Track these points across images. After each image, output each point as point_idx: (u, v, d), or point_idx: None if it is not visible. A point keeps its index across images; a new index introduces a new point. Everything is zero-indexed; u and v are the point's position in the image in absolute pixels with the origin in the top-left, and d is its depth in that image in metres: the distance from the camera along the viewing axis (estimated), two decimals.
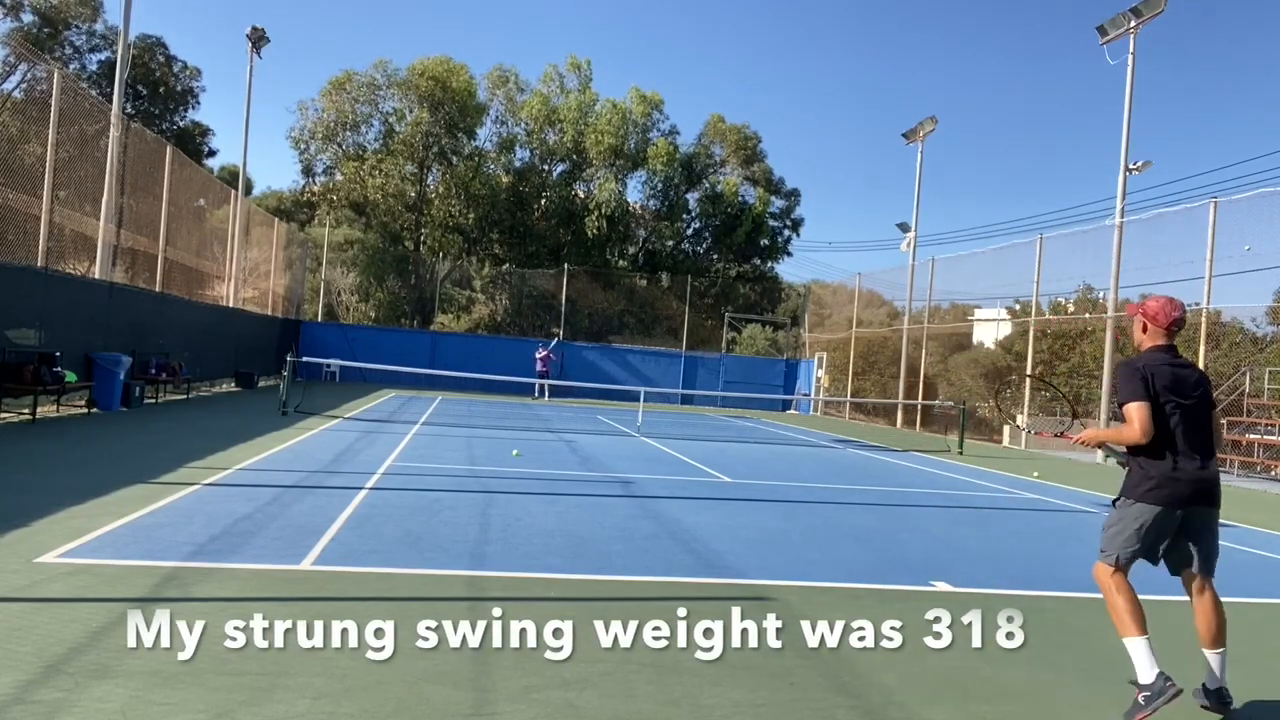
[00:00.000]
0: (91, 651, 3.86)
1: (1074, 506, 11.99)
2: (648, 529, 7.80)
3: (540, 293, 39.76)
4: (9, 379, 12.52)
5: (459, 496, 8.76)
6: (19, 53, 28.20)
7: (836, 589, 6.14)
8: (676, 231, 44.38)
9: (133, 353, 16.32)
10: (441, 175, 41.07)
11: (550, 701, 3.68)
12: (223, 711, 3.35)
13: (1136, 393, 4.05)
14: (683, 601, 5.45)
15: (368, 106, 40.61)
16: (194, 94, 39.76)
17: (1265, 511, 13.28)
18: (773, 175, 44.98)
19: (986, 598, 6.14)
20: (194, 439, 12.00)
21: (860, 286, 35.81)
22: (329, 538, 6.42)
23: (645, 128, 42.42)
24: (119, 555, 5.53)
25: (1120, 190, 22.64)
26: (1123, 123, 22.69)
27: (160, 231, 19.57)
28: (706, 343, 38.81)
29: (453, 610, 4.91)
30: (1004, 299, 29.02)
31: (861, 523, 9.23)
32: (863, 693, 4.09)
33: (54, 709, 3.26)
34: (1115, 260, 22.02)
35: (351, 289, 40.12)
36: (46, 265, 14.19)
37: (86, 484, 7.80)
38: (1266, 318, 27.03)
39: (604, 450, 14.64)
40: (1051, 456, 22.08)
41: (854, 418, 33.45)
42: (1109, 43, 23.11)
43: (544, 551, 6.56)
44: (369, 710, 3.46)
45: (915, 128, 32.26)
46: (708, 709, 3.74)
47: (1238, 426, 22.22)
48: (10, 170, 14.44)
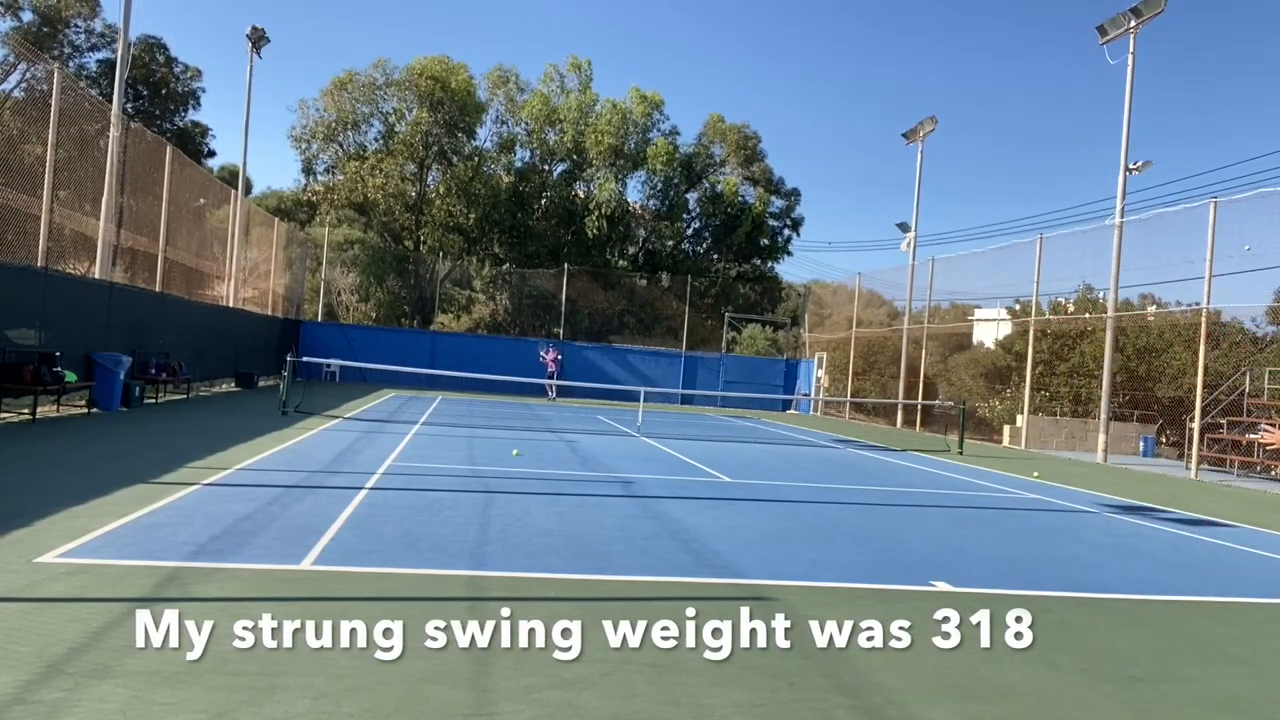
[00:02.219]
0: (92, 651, 3.86)
1: (1074, 506, 11.99)
2: (648, 529, 7.80)
3: (540, 293, 39.77)
4: (9, 379, 12.52)
5: (459, 496, 8.75)
6: (19, 52, 28.20)
7: (837, 589, 6.14)
8: (676, 231, 44.38)
9: (133, 353, 16.32)
10: (442, 175, 41.07)
11: (550, 701, 3.68)
12: (223, 711, 3.35)
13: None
14: (683, 601, 5.45)
15: (368, 106, 40.61)
16: (194, 94, 39.72)
17: (1265, 511, 13.28)
18: (773, 175, 44.99)
19: (987, 598, 6.14)
20: (194, 439, 12.00)
21: (860, 286, 35.82)
22: (329, 538, 6.42)
23: (645, 128, 42.41)
24: (119, 555, 5.53)
25: (1120, 190, 22.65)
26: (1123, 123, 22.72)
27: (160, 231, 19.57)
28: (706, 343, 38.81)
29: (453, 610, 4.91)
30: (1004, 299, 29.05)
31: (862, 523, 9.24)
32: (863, 693, 4.09)
33: (54, 709, 3.26)
34: (1115, 260, 22.02)
35: (351, 289, 40.11)
36: (46, 265, 14.19)
37: (86, 484, 7.80)
38: (1266, 318, 27.05)
39: (604, 450, 14.64)
40: (1051, 456, 22.09)
41: (854, 418, 33.45)
42: (1109, 43, 23.12)
43: (544, 551, 6.56)
44: (369, 710, 3.46)
45: (915, 128, 32.27)
46: (708, 709, 3.74)
47: (1238, 426, 22.22)
48: (10, 170, 14.44)
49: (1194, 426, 19.27)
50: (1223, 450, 22.06)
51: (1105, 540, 9.35)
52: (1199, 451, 19.42)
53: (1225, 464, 21.71)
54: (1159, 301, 29.60)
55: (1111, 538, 9.58)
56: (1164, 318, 27.25)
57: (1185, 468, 20.32)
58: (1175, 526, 10.82)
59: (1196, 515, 12.08)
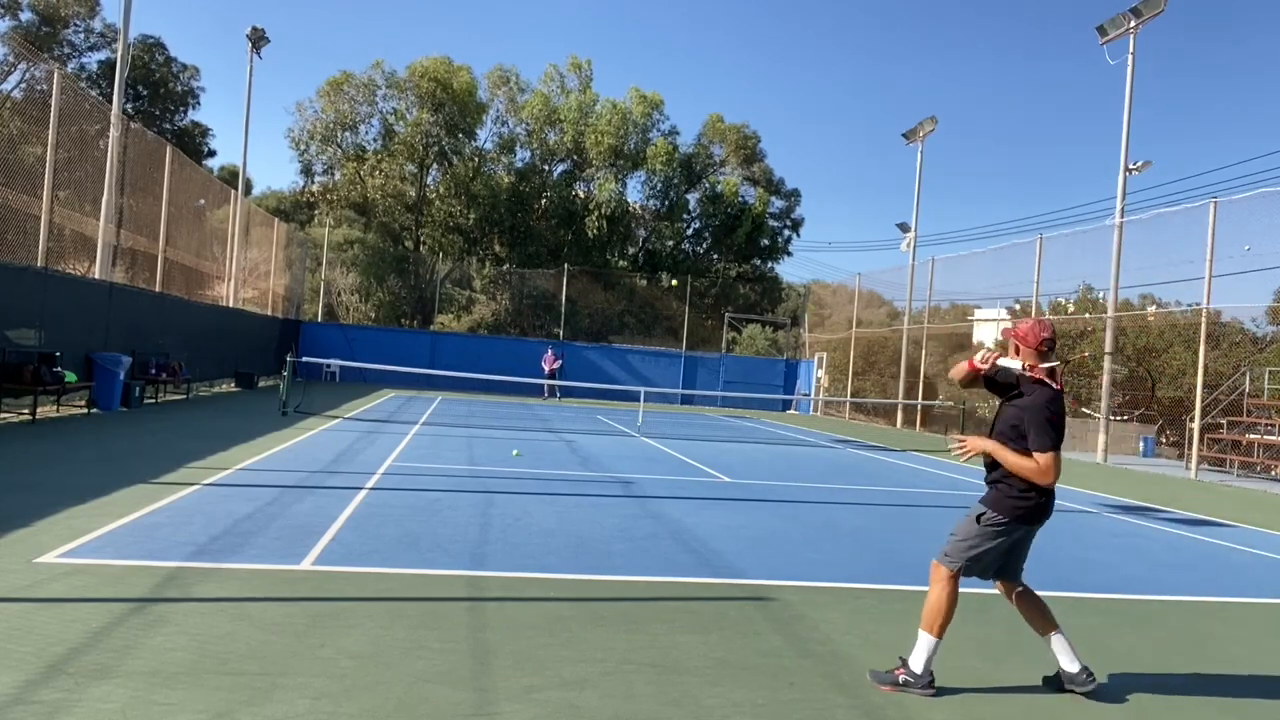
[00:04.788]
0: (92, 651, 3.86)
1: (1073, 506, 11.98)
2: (648, 529, 7.80)
3: (540, 293, 39.78)
4: (9, 379, 12.52)
5: (459, 496, 8.75)
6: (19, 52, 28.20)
7: (837, 589, 6.14)
8: (676, 231, 44.40)
9: (133, 353, 16.31)
10: (442, 175, 41.07)
11: (550, 701, 3.68)
12: (223, 711, 3.35)
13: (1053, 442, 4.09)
14: (683, 601, 5.45)
15: (367, 107, 40.62)
16: (194, 94, 39.73)
17: (1265, 511, 13.28)
18: (773, 175, 45.03)
19: (987, 598, 6.14)
20: (194, 439, 12.00)
21: (860, 286, 35.81)
22: (329, 538, 6.42)
23: (645, 128, 42.43)
24: (119, 555, 5.53)
25: (1120, 190, 22.64)
26: (1123, 123, 22.71)
27: (160, 231, 19.57)
28: (706, 343, 38.81)
29: (453, 610, 4.91)
30: (1004, 299, 29.05)
31: (862, 523, 9.24)
32: (863, 693, 4.09)
33: (54, 709, 3.26)
34: (1115, 260, 22.02)
35: (351, 289, 40.10)
36: (46, 265, 14.19)
37: (86, 484, 7.80)
38: (1266, 318, 27.07)
39: (604, 450, 14.64)
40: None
41: (854, 418, 33.45)
42: (1109, 43, 23.12)
43: (544, 551, 6.57)
44: (369, 710, 3.46)
45: (915, 128, 32.26)
46: (708, 709, 3.74)
47: (1238, 426, 22.21)
48: (10, 170, 14.44)
49: (1194, 426, 19.27)
50: (1223, 450, 22.05)
51: (1105, 540, 9.35)
52: (1199, 451, 19.42)
53: (1225, 464, 21.70)
54: (1159, 301, 29.63)
55: (1111, 538, 9.58)
56: (1164, 318, 27.26)
57: (1185, 468, 20.31)
58: (1175, 526, 10.82)
59: (1196, 515, 12.08)
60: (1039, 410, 4.12)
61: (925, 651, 4.13)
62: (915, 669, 4.12)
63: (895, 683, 4.12)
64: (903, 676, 4.13)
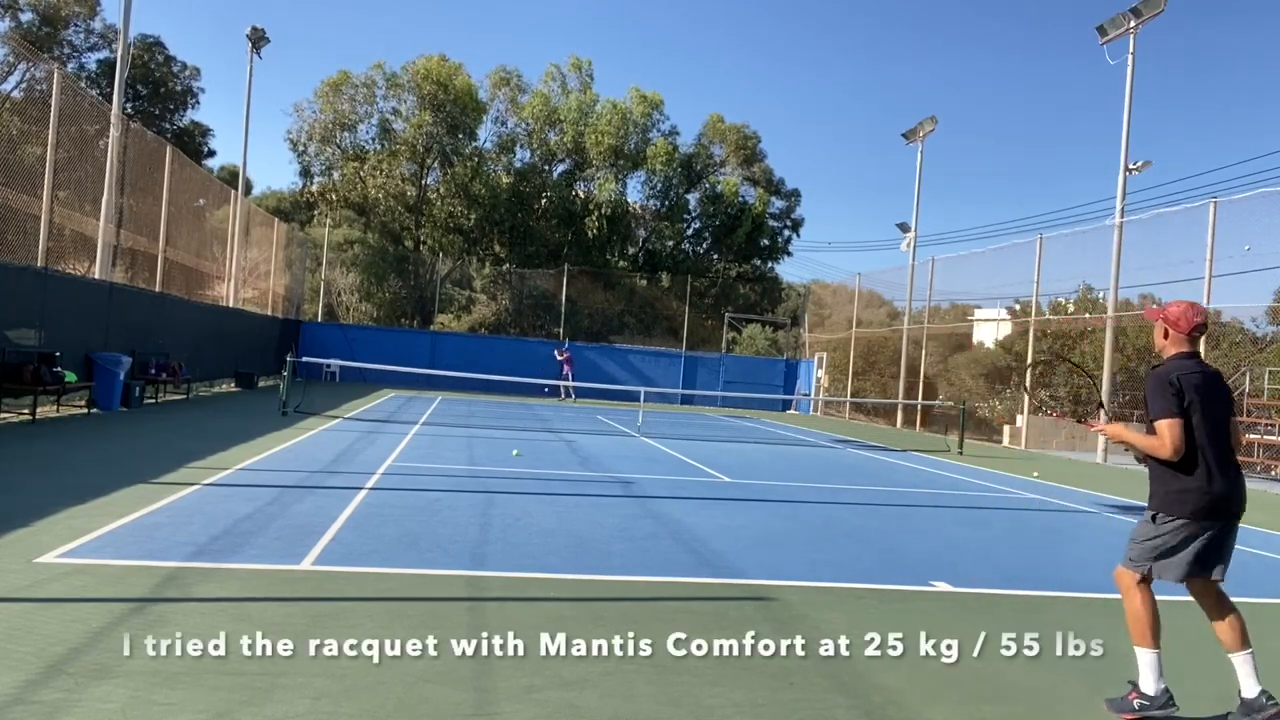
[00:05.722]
0: (92, 651, 3.85)
1: (1074, 506, 11.99)
2: (648, 529, 7.80)
3: (540, 293, 39.76)
4: (9, 379, 12.51)
5: (459, 496, 8.75)
6: (18, 52, 28.20)
7: (837, 589, 6.13)
8: (676, 232, 44.39)
9: (133, 353, 16.31)
10: (442, 175, 41.06)
11: (550, 701, 3.68)
12: (223, 711, 3.35)
13: (1170, 408, 3.89)
14: (683, 601, 5.45)
15: (366, 107, 40.61)
16: (194, 94, 39.71)
17: (1265, 511, 13.28)
18: (773, 175, 45.00)
19: (986, 598, 6.14)
20: (194, 439, 12.00)
21: (860, 286, 35.81)
22: (329, 538, 6.42)
23: (645, 128, 42.42)
24: (119, 555, 5.53)
25: (1120, 190, 22.64)
26: (1123, 123, 22.70)
27: (160, 231, 19.57)
28: (706, 343, 38.80)
29: (453, 610, 4.91)
30: (1004, 299, 29.05)
31: (861, 523, 9.24)
32: (863, 693, 4.09)
33: (54, 709, 3.26)
34: (1115, 260, 22.02)
35: (351, 289, 40.09)
36: (46, 265, 14.19)
37: (86, 484, 7.80)
38: (1266, 318, 27.06)
39: (604, 450, 14.64)
40: (1051, 456, 22.08)
41: (854, 418, 33.44)
42: (1109, 43, 23.11)
43: (544, 551, 6.56)
44: (369, 710, 3.46)
45: (915, 128, 32.25)
46: (708, 709, 3.74)
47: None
48: (10, 170, 14.44)
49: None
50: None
51: (1105, 540, 9.35)
52: None
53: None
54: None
55: (1111, 538, 9.58)
56: None
57: None
58: None
59: None
60: (1154, 379, 3.94)
61: (1150, 669, 3.90)
62: (1148, 691, 3.91)
63: (1132, 710, 3.91)
64: (1137, 701, 3.92)
